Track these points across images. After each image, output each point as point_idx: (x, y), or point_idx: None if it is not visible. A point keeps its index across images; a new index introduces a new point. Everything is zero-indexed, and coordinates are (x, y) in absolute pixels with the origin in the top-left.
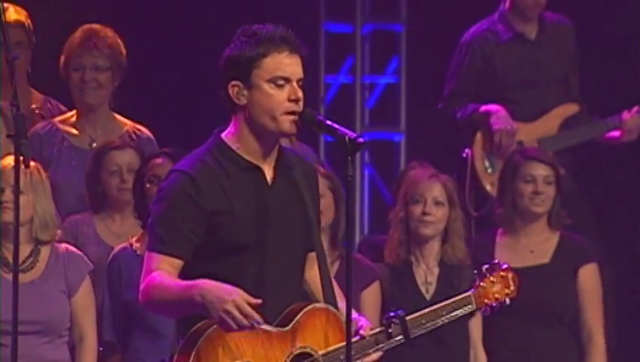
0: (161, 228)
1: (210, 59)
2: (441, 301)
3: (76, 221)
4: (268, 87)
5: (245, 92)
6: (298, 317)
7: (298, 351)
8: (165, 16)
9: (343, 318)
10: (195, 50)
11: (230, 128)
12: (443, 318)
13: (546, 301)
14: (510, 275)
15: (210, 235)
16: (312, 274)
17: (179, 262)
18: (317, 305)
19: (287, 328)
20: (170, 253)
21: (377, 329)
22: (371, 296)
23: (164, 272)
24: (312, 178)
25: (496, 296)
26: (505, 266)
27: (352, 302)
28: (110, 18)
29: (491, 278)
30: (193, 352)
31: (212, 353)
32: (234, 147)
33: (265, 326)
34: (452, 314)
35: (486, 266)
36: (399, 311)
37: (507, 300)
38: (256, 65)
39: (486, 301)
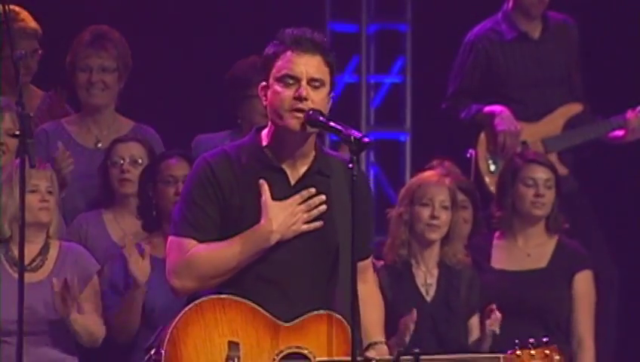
0: (187, 211)
1: (215, 59)
2: (441, 303)
3: (85, 219)
4: (277, 86)
5: (267, 92)
6: (303, 318)
7: (292, 350)
8: (169, 16)
9: (368, 336)
10: (200, 50)
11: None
12: None
13: (542, 305)
14: (557, 357)
15: (221, 229)
16: (363, 288)
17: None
18: (325, 311)
19: (287, 324)
20: (195, 237)
21: (388, 358)
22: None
23: (197, 247)
24: (358, 186)
25: None
26: (554, 346)
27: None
28: (112, 18)
29: (532, 352)
30: (178, 318)
31: (201, 323)
32: (263, 144)
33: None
34: None
35: (532, 340)
36: (414, 349)
37: None
38: (270, 65)
39: None
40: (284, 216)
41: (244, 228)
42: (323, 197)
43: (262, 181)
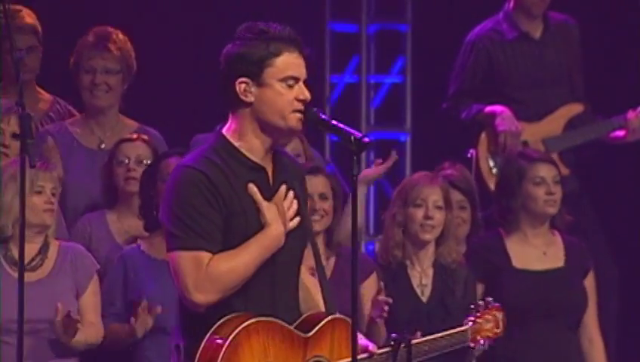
0: (192, 222)
1: (215, 58)
2: (436, 303)
3: (89, 220)
4: (279, 86)
5: (254, 89)
6: (320, 325)
7: (313, 360)
8: (169, 15)
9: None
10: (200, 49)
11: (231, 125)
12: (441, 348)
13: (566, 304)
14: (500, 315)
15: (226, 237)
16: (305, 277)
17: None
18: (338, 315)
19: (308, 334)
20: (208, 249)
21: (385, 349)
22: (370, 288)
23: (216, 260)
24: (301, 179)
25: (487, 334)
26: (497, 305)
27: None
28: (116, 20)
29: (486, 316)
30: (222, 351)
31: (241, 352)
32: (237, 144)
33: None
34: (450, 346)
35: (481, 303)
36: (405, 335)
37: (492, 340)
38: (269, 63)
39: (478, 337)
40: (281, 216)
41: (251, 233)
42: (292, 192)
43: (251, 184)
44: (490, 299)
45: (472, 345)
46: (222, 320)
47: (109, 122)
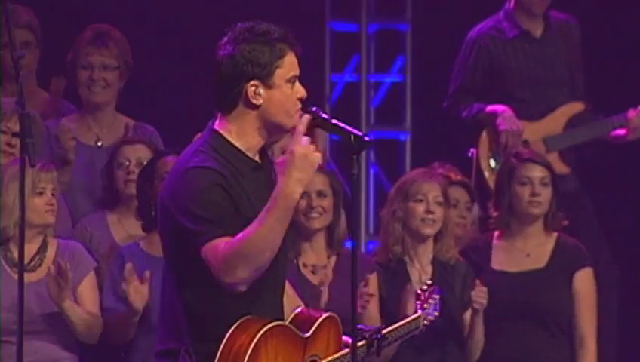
0: (212, 215)
1: (215, 58)
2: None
3: (89, 221)
4: (286, 87)
5: (263, 91)
6: (316, 325)
7: (309, 359)
8: (168, 15)
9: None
10: (199, 48)
11: (225, 124)
12: (400, 337)
13: (541, 306)
14: (438, 298)
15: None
16: None
17: None
18: (331, 314)
19: (307, 335)
20: (228, 233)
21: (362, 343)
22: (371, 287)
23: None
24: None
25: (429, 318)
26: (435, 288)
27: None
28: (114, 18)
29: (429, 300)
30: (246, 356)
31: (259, 356)
32: (236, 144)
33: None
34: (407, 334)
35: (425, 287)
36: (376, 327)
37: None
38: (278, 64)
39: (425, 322)
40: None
41: None
42: None
43: (306, 115)
44: (429, 282)
45: (420, 329)
46: (237, 323)
47: (106, 119)
